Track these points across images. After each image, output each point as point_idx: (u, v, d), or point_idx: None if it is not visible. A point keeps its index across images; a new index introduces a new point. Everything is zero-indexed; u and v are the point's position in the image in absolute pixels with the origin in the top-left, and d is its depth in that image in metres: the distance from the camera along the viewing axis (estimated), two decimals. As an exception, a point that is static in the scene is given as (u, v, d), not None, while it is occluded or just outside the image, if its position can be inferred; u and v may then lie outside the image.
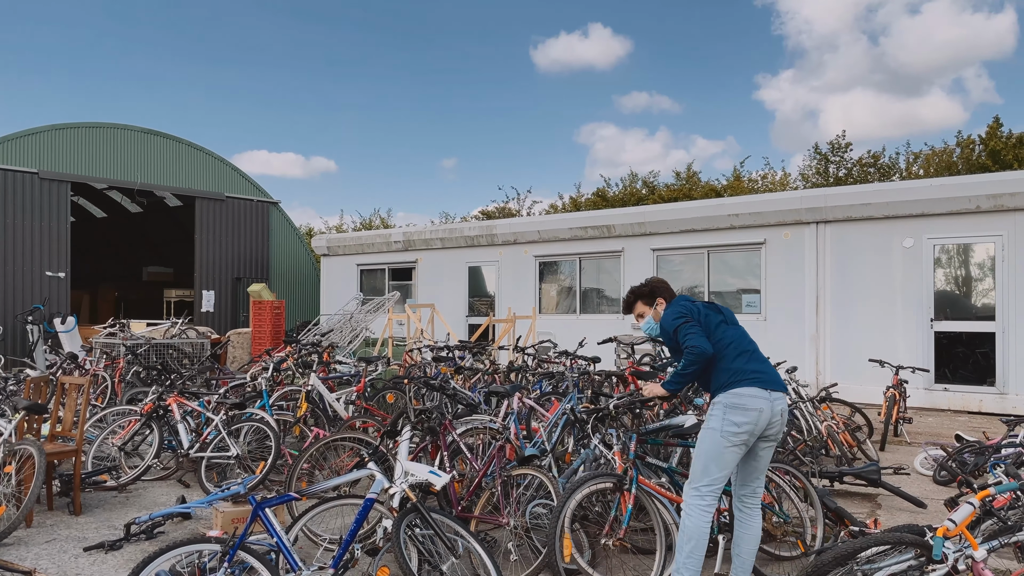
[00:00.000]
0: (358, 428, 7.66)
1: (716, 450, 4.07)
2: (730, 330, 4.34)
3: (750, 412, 4.05)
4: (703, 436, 4.16)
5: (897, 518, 6.24)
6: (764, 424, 4.09)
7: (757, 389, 4.10)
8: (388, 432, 4.47)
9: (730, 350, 4.24)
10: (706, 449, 4.11)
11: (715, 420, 4.11)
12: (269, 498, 3.84)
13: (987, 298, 12.05)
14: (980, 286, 12.21)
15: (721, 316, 4.43)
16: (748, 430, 4.05)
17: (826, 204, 13.37)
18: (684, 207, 15.51)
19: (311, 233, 34.74)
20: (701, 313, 4.38)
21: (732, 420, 4.05)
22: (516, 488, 5.11)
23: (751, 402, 4.06)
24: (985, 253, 12.05)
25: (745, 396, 4.08)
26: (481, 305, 18.26)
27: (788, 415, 4.23)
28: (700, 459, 4.14)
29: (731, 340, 4.28)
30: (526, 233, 17.23)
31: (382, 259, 20.24)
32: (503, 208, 29.93)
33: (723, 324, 4.37)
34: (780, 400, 4.18)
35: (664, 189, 25.54)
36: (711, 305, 4.51)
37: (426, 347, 12.22)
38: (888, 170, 22.33)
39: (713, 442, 4.08)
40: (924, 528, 3.93)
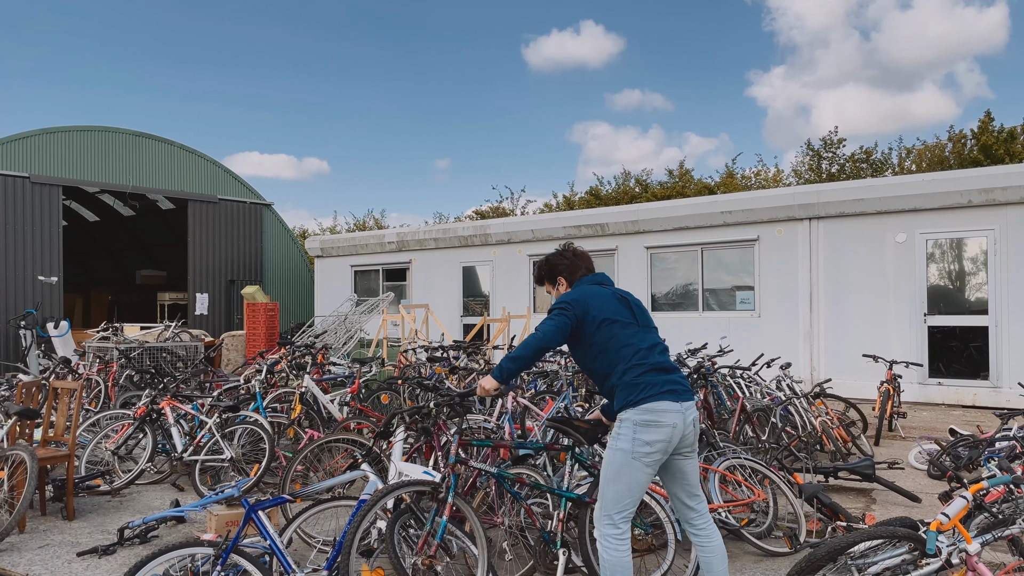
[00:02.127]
0: (352, 429, 7.64)
1: (628, 473, 3.58)
2: (636, 333, 3.77)
3: (663, 428, 3.57)
4: (611, 458, 3.63)
5: (891, 513, 6.25)
6: (678, 439, 3.64)
7: (669, 402, 3.62)
8: (381, 433, 4.45)
9: (633, 357, 3.69)
10: (616, 472, 3.59)
11: (624, 440, 3.59)
12: (262, 501, 3.83)
13: (980, 292, 12.09)
14: (973, 280, 12.25)
15: (630, 314, 3.83)
16: (662, 448, 3.58)
17: (819, 200, 13.41)
18: (677, 205, 15.52)
19: (304, 235, 34.69)
20: (593, 306, 3.76)
21: (643, 439, 3.56)
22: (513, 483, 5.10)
23: (665, 417, 3.57)
24: (977, 247, 12.09)
25: (657, 411, 3.58)
26: (476, 305, 18.25)
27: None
28: (611, 483, 3.60)
29: (631, 344, 3.72)
30: (520, 232, 17.23)
31: (376, 260, 20.21)
32: (497, 208, 29.93)
33: (630, 326, 3.78)
34: (691, 410, 3.73)
35: (657, 187, 25.57)
36: (625, 300, 3.90)
37: (421, 348, 12.21)
38: (880, 166, 22.40)
39: (624, 464, 3.57)
40: (917, 522, 3.94)
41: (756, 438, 7.13)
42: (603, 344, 3.72)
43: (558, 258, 4.12)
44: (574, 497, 3.88)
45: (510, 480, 3.83)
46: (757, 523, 5.19)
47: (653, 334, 3.85)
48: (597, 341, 3.73)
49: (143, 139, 22.23)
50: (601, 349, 3.73)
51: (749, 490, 5.41)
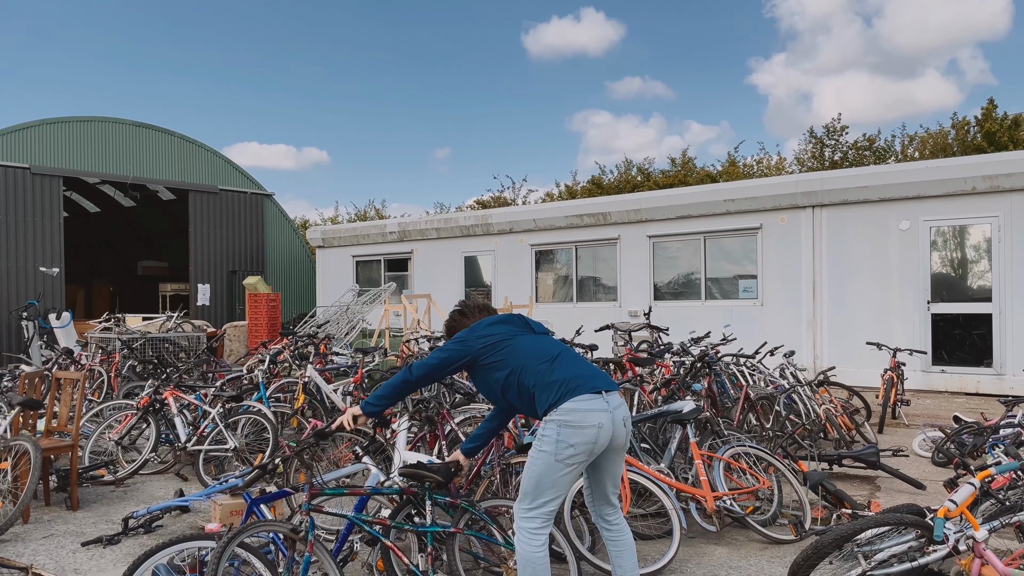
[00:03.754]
0: (356, 419, 7.64)
1: (550, 474, 3.42)
2: (536, 339, 3.69)
3: (587, 430, 3.38)
4: (534, 459, 3.47)
5: (896, 500, 6.24)
6: (607, 439, 3.44)
7: (590, 397, 3.42)
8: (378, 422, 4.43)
9: (543, 360, 3.55)
10: (538, 472, 3.44)
11: (548, 442, 3.41)
12: (263, 495, 3.81)
13: (983, 279, 12.05)
14: (976, 268, 12.21)
15: (523, 326, 3.77)
16: (586, 451, 3.40)
17: (822, 188, 13.35)
18: (679, 193, 15.47)
19: (306, 225, 34.66)
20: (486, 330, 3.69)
21: (567, 441, 3.37)
22: (515, 476, 5.09)
23: (588, 417, 3.38)
24: (981, 234, 12.04)
25: (580, 411, 3.39)
26: (477, 295, 18.23)
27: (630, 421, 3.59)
28: (531, 480, 3.46)
29: (536, 350, 3.61)
30: (522, 222, 17.19)
31: (377, 250, 20.19)
32: (498, 198, 29.87)
33: (526, 335, 3.72)
34: (621, 407, 3.53)
35: (659, 176, 25.48)
36: (511, 319, 3.80)
37: (423, 337, 12.20)
38: (884, 153, 22.31)
39: (547, 466, 3.42)
40: (924, 509, 3.93)
41: (760, 426, 7.12)
42: (508, 357, 3.59)
43: (449, 320, 4.05)
44: (436, 530, 3.80)
45: (368, 523, 3.76)
46: (762, 511, 5.18)
47: (550, 339, 3.76)
48: (501, 357, 3.60)
49: (143, 129, 22.18)
50: (508, 362, 3.59)
51: (754, 478, 5.40)
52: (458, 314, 4.01)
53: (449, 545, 3.77)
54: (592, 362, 7.84)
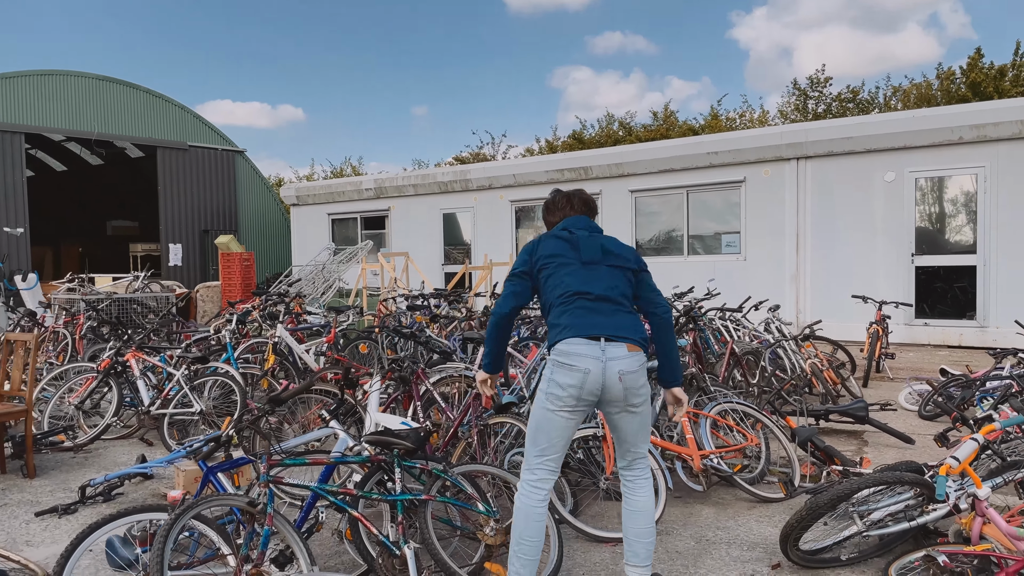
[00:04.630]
0: (329, 380, 7.37)
1: (541, 414, 3.33)
2: (573, 272, 3.43)
3: (575, 372, 3.23)
4: (536, 400, 3.41)
5: (885, 455, 6.11)
6: (595, 387, 3.24)
7: (584, 342, 3.25)
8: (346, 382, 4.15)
9: (561, 296, 3.39)
10: (536, 415, 3.37)
11: (543, 380, 3.37)
12: (221, 462, 3.54)
13: (968, 231, 11.91)
14: (961, 219, 12.06)
15: (572, 254, 3.49)
16: (573, 393, 3.24)
17: (807, 139, 13.08)
18: (662, 146, 15.13)
19: (281, 183, 33.93)
20: (537, 256, 3.51)
21: (556, 380, 3.28)
22: (493, 437, 4.86)
23: (576, 360, 3.23)
24: (967, 185, 11.86)
25: (571, 354, 3.25)
26: (457, 253, 17.90)
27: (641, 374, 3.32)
28: (531, 425, 3.40)
29: (563, 283, 3.41)
30: (501, 178, 16.79)
31: (354, 208, 19.72)
32: (478, 154, 29.32)
33: (567, 265, 3.46)
34: (619, 360, 3.25)
35: (641, 130, 25.06)
36: (572, 240, 3.52)
37: (401, 296, 11.91)
38: (867, 105, 22.02)
39: (539, 405, 3.35)
40: (921, 466, 3.74)
41: (745, 382, 6.93)
42: (543, 288, 3.50)
43: (544, 207, 3.84)
44: (407, 498, 3.52)
45: (333, 493, 3.47)
46: (749, 469, 5.00)
47: (595, 272, 3.44)
48: (540, 287, 3.52)
49: (108, 83, 21.36)
50: (542, 293, 3.52)
51: (741, 435, 5.21)
52: (545, 210, 3.81)
53: (421, 513, 3.53)
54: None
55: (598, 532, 4.28)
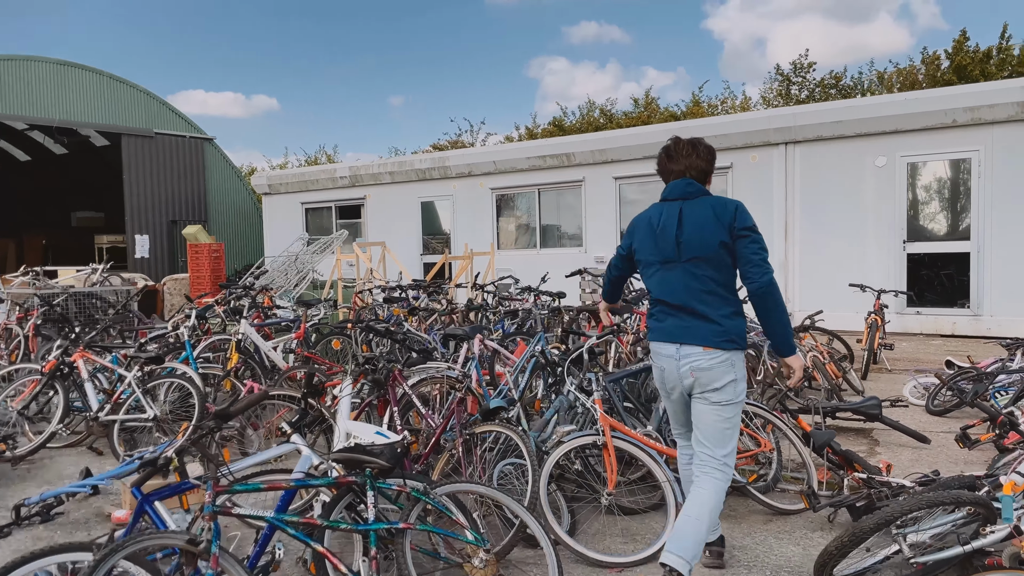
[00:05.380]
0: (299, 379, 6.82)
1: None
2: (655, 273, 3.61)
3: (655, 368, 3.72)
4: None
5: (898, 455, 5.69)
6: (672, 381, 3.59)
7: (665, 345, 3.59)
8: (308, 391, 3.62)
9: (652, 301, 3.72)
10: None
11: None
12: (159, 488, 3.01)
13: (962, 217, 11.57)
14: (955, 205, 11.72)
15: (654, 251, 3.59)
16: (658, 381, 3.73)
17: (795, 124, 12.67)
18: (646, 131, 14.67)
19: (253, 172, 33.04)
20: (633, 243, 3.76)
21: (653, 368, 3.77)
22: (480, 446, 4.36)
23: (656, 359, 3.68)
24: (961, 170, 11.52)
25: (654, 352, 3.69)
26: (436, 242, 17.33)
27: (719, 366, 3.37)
28: None
29: (648, 284, 3.71)
30: (481, 164, 16.23)
31: (328, 196, 19.06)
32: (456, 142, 28.68)
33: (651, 265, 3.63)
34: (693, 359, 3.42)
35: (622, 117, 24.57)
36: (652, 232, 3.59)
37: (377, 288, 11.35)
38: (850, 91, 21.70)
39: None
40: (975, 480, 3.29)
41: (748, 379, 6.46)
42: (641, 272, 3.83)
43: (657, 161, 3.80)
44: (381, 527, 3.04)
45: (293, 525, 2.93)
46: (763, 476, 4.54)
47: (672, 273, 3.54)
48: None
49: (70, 69, 20.46)
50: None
51: (753, 439, 4.74)
52: (664, 154, 3.71)
53: (399, 544, 3.02)
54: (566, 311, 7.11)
55: (599, 556, 3.80)
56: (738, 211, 3.39)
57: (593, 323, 6.50)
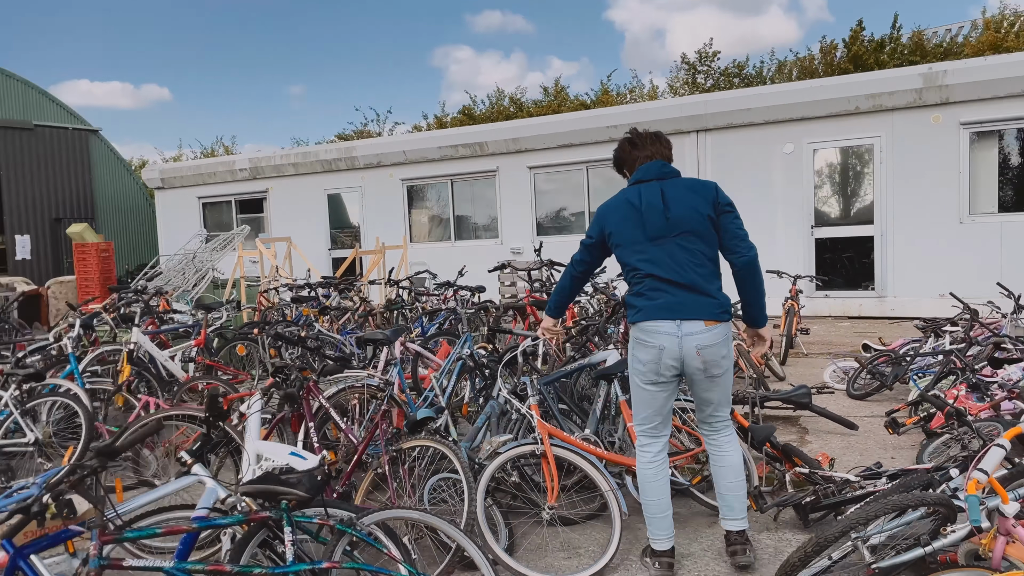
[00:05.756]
0: (201, 391, 6.26)
1: (634, 388, 3.59)
2: (642, 251, 3.46)
3: (650, 349, 3.43)
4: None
5: (827, 443, 5.67)
6: (671, 362, 3.41)
7: (663, 322, 3.40)
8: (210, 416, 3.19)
9: (633, 277, 3.52)
10: (630, 387, 3.66)
11: (629, 356, 3.61)
12: (36, 539, 2.53)
13: (866, 202, 11.91)
14: (859, 190, 12.05)
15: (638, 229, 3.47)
16: (652, 368, 3.45)
17: (706, 111, 12.75)
18: (560, 120, 14.49)
19: (143, 165, 31.20)
20: (607, 226, 3.57)
21: (637, 356, 3.51)
22: (407, 461, 4.00)
23: (651, 338, 3.42)
24: (864, 155, 11.84)
25: (647, 330, 3.44)
26: (345, 237, 16.70)
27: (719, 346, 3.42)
28: (632, 398, 3.66)
29: (631, 264, 3.51)
30: (390, 154, 15.69)
31: (227, 190, 18.07)
32: (363, 132, 27.86)
33: (636, 243, 3.48)
34: (698, 334, 3.37)
35: (533, 106, 24.41)
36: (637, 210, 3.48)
37: (284, 286, 10.75)
38: (752, 80, 22.23)
39: (631, 377, 3.62)
40: (931, 477, 3.17)
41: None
42: (618, 260, 3.60)
43: (618, 149, 3.81)
44: (302, 568, 2.66)
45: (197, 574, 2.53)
46: (706, 477, 4.36)
47: (663, 249, 3.42)
48: (616, 258, 3.62)
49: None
50: (620, 264, 3.62)
51: (691, 436, 4.57)
52: (628, 144, 3.74)
53: (325, 590, 2.64)
54: (493, 308, 6.78)
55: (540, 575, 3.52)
56: (718, 189, 3.52)
57: (518, 320, 6.23)
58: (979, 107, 10.95)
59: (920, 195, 11.33)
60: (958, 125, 11.09)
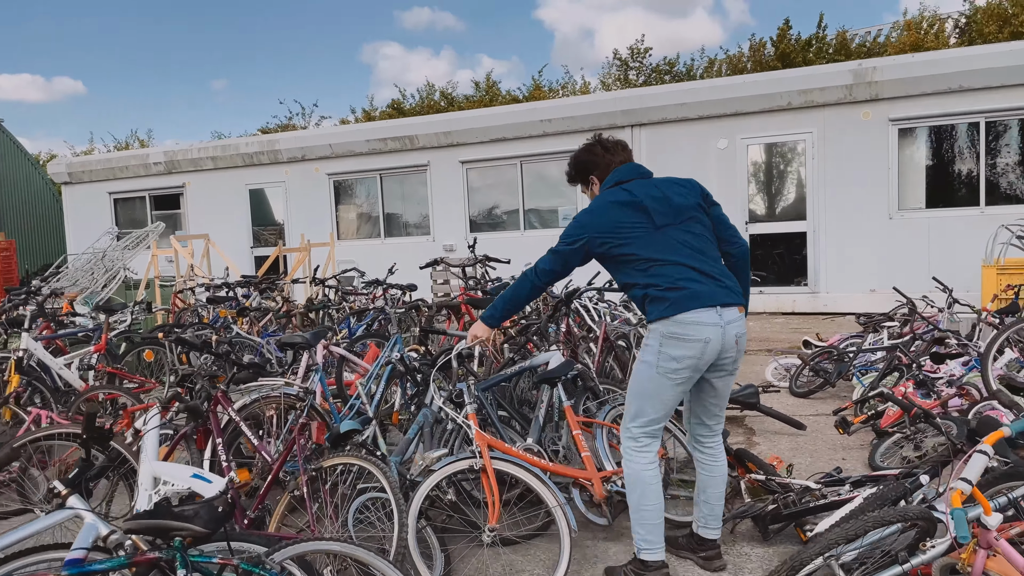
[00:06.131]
0: (102, 402, 5.66)
1: (652, 388, 3.20)
2: (655, 241, 3.18)
3: (692, 344, 3.08)
4: (637, 370, 3.28)
5: (776, 444, 5.47)
6: (712, 356, 3.13)
7: (699, 312, 3.08)
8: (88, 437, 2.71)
9: (652, 271, 3.17)
10: (641, 386, 3.25)
11: (650, 352, 3.19)
12: None
13: (799, 198, 11.96)
14: (791, 186, 12.09)
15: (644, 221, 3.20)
16: (691, 365, 3.12)
17: (641, 106, 12.60)
18: (493, 113, 14.15)
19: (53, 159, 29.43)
20: (599, 230, 3.22)
21: (670, 354, 3.11)
22: (329, 479, 3.56)
23: (694, 330, 3.08)
24: (796, 151, 11.88)
25: (686, 323, 3.08)
26: (268, 234, 15.94)
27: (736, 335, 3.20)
28: (634, 397, 3.29)
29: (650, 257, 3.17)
30: (316, 148, 15.03)
31: (141, 185, 17.05)
32: (287, 126, 26.91)
33: (644, 236, 3.19)
34: (737, 323, 3.18)
35: (464, 101, 23.98)
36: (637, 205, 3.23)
37: (200, 286, 10.06)
38: (683, 77, 22.36)
39: (649, 378, 3.20)
40: (906, 487, 2.93)
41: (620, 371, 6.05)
42: (619, 263, 3.25)
43: (585, 154, 3.51)
44: None
45: None
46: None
47: (679, 233, 3.20)
48: (616, 261, 3.26)
49: None
50: (620, 268, 3.28)
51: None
52: (600, 148, 3.46)
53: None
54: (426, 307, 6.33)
55: (484, 606, 3.14)
56: (700, 184, 3.46)
57: (452, 320, 5.83)
58: (907, 104, 11.10)
59: (851, 191, 11.42)
60: (887, 121, 11.22)
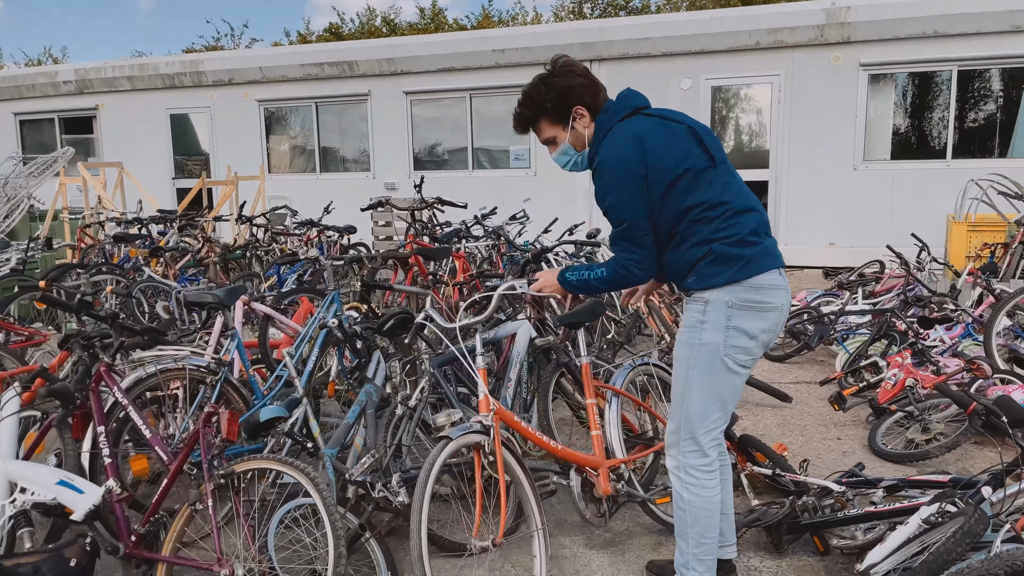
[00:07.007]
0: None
1: (717, 376, 2.39)
2: (719, 180, 2.42)
3: (770, 312, 2.40)
4: (691, 356, 2.41)
5: (763, 419, 4.92)
6: (778, 326, 2.46)
7: (770, 274, 2.39)
8: None
9: (722, 218, 2.37)
10: (700, 375, 2.40)
11: (713, 330, 2.37)
12: None
13: (761, 145, 11.39)
14: (756, 132, 11.51)
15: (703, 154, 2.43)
16: (765, 342, 2.44)
17: (601, 39, 11.74)
18: (441, 40, 13.05)
19: (-48, 75, 26.78)
20: (654, 161, 2.38)
21: (743, 328, 2.36)
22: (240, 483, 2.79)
23: (772, 297, 2.39)
24: (762, 95, 11.26)
25: (766, 289, 2.37)
26: (193, 165, 14.64)
27: None
28: (694, 392, 2.42)
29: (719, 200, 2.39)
30: (245, 71, 13.70)
31: (50, 106, 15.41)
32: (213, 47, 24.98)
33: (707, 171, 2.41)
34: (788, 289, 2.50)
35: (407, 28, 22.55)
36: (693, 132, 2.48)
37: (111, 221, 8.98)
38: (639, 12, 21.42)
39: (711, 364, 2.38)
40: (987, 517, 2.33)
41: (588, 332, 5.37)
42: (676, 208, 2.38)
43: (567, 77, 2.53)
44: None
45: None
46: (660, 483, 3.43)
47: (731, 175, 2.47)
48: (668, 205, 2.39)
49: None
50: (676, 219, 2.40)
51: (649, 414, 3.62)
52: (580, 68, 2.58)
53: None
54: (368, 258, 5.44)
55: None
56: None
57: (399, 273, 5.03)
58: (880, 48, 10.54)
59: (816, 139, 10.90)
60: (857, 66, 10.66)
